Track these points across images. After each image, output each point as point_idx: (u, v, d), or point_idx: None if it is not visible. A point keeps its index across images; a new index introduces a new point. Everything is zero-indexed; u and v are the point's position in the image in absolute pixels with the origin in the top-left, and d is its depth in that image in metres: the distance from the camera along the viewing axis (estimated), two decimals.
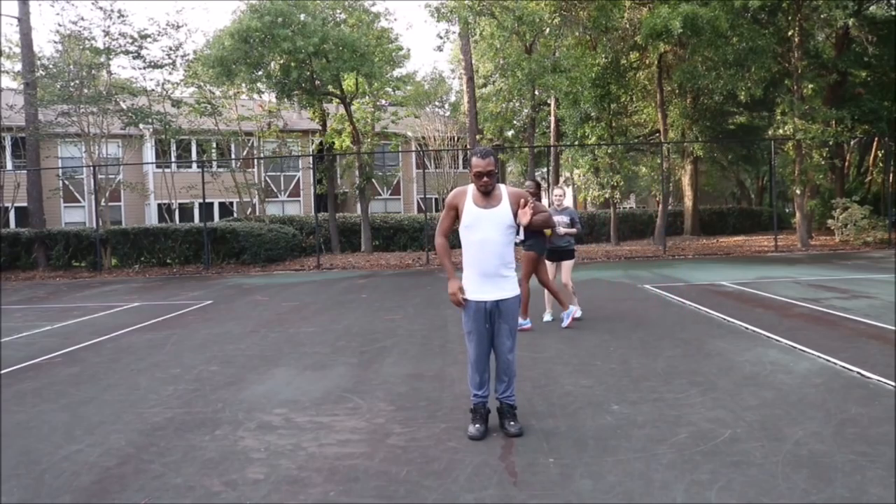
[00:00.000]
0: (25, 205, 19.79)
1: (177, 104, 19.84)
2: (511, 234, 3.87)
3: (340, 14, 19.14)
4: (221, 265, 17.31)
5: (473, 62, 21.14)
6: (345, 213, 24.32)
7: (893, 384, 4.54)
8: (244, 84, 18.71)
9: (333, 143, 21.79)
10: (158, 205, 25.80)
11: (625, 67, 20.31)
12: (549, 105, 22.63)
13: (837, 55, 19.48)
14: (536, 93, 20.56)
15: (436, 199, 28.71)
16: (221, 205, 26.87)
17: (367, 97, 21.91)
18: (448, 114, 30.95)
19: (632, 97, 22.22)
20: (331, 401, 4.69)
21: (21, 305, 11.26)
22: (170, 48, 19.55)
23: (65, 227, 21.27)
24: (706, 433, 3.74)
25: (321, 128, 21.85)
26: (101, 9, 18.57)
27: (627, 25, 19.03)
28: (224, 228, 17.71)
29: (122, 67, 57.82)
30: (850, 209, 18.04)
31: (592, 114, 19.31)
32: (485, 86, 25.99)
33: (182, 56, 19.70)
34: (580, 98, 17.62)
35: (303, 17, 16.97)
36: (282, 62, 17.46)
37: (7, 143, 23.32)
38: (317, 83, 18.76)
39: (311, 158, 24.23)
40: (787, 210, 33.13)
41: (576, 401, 4.47)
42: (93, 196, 21.04)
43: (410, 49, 45.50)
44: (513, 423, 3.86)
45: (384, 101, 24.44)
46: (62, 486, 3.34)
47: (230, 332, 7.69)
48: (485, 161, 3.74)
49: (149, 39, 18.90)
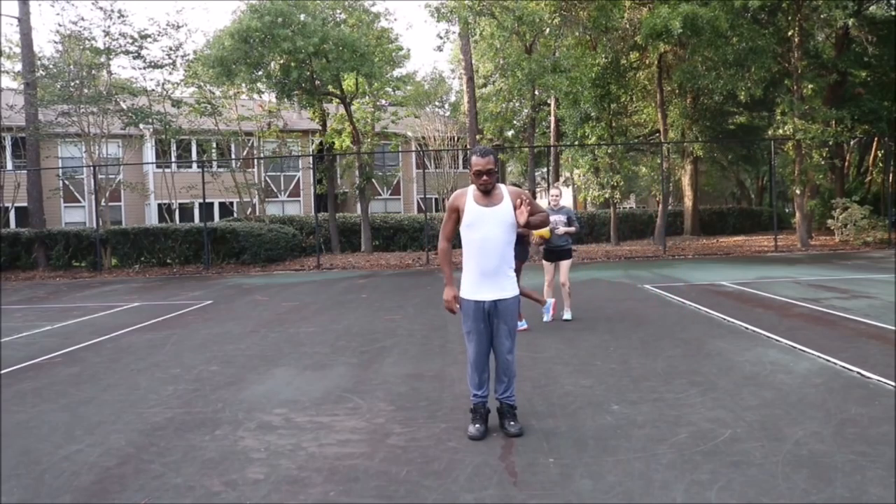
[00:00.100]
0: (25, 205, 19.79)
1: (177, 104, 19.85)
2: (512, 233, 3.86)
3: (340, 14, 19.15)
4: (221, 265, 17.31)
5: (473, 62, 21.14)
6: (345, 213, 24.32)
7: (893, 384, 4.54)
8: (244, 84, 18.71)
9: (333, 143, 21.80)
10: (158, 205, 25.79)
11: (625, 67, 20.31)
12: (549, 105, 22.63)
13: (837, 55, 19.49)
14: (536, 93, 20.57)
15: (436, 199, 28.71)
16: (221, 205, 26.87)
17: (367, 97, 21.92)
18: (448, 114, 30.95)
19: (632, 97, 22.22)
20: (331, 401, 4.69)
21: (21, 305, 11.26)
22: (170, 48, 19.59)
23: (65, 227, 21.28)
24: (706, 433, 3.74)
25: (321, 128, 21.86)
26: (101, 9, 18.61)
27: (627, 25, 19.02)
28: (224, 228, 17.71)
29: (122, 67, 57.98)
30: (850, 209, 18.04)
31: (592, 114, 19.30)
32: (485, 86, 25.98)
33: (182, 56, 19.74)
34: (580, 98, 17.61)
35: (303, 17, 16.98)
36: (282, 62, 17.46)
37: (7, 143, 23.33)
38: (317, 83, 18.76)
39: (311, 158, 24.24)
40: (787, 210, 33.13)
41: (576, 401, 4.47)
42: (93, 196, 21.06)
43: (410, 49, 45.57)
44: (513, 423, 3.86)
45: (384, 101, 24.44)
46: (62, 486, 3.34)
47: (230, 332, 7.69)
48: (484, 160, 3.74)
49: (149, 39, 18.93)
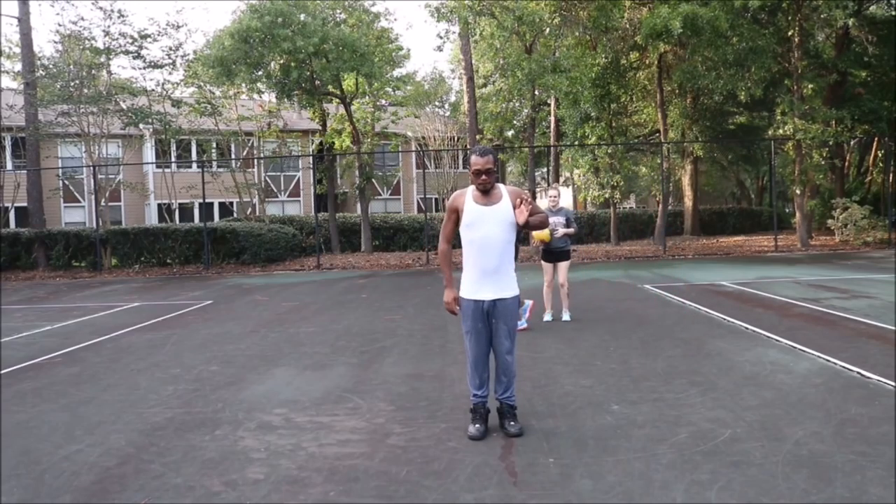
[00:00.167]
0: (25, 205, 19.79)
1: (177, 104, 19.85)
2: (512, 233, 3.85)
3: (340, 14, 19.15)
4: (221, 265, 17.31)
5: (473, 62, 21.14)
6: (345, 213, 24.32)
7: (893, 384, 4.54)
8: (244, 84, 18.71)
9: (333, 143, 21.80)
10: (158, 205, 25.79)
11: (625, 67, 20.31)
12: (549, 105, 22.62)
13: (837, 55, 19.48)
14: (536, 93, 20.56)
15: (436, 199, 28.70)
16: (221, 205, 26.87)
17: (367, 97, 21.93)
18: (448, 114, 30.94)
19: (632, 97, 22.22)
20: (331, 401, 4.69)
21: (21, 305, 11.26)
22: (170, 48, 19.58)
23: (65, 227, 21.28)
24: (706, 433, 3.74)
25: (321, 128, 21.86)
26: (101, 9, 18.61)
27: (627, 25, 19.03)
28: (224, 228, 17.71)
29: (122, 67, 57.94)
30: (850, 209, 18.04)
31: (592, 114, 19.30)
32: (485, 86, 25.98)
33: (182, 56, 19.74)
34: (580, 98, 17.61)
35: (303, 17, 16.98)
36: (282, 62, 17.46)
37: (7, 143, 23.33)
38: (317, 83, 18.76)
39: (311, 158, 24.24)
40: (787, 210, 33.12)
41: (576, 401, 4.47)
42: (93, 196, 21.05)
43: (410, 49, 45.53)
44: (513, 423, 3.86)
45: (384, 101, 24.45)
46: (62, 486, 3.34)
47: (230, 332, 7.69)
48: (483, 159, 3.74)
49: (149, 39, 18.93)
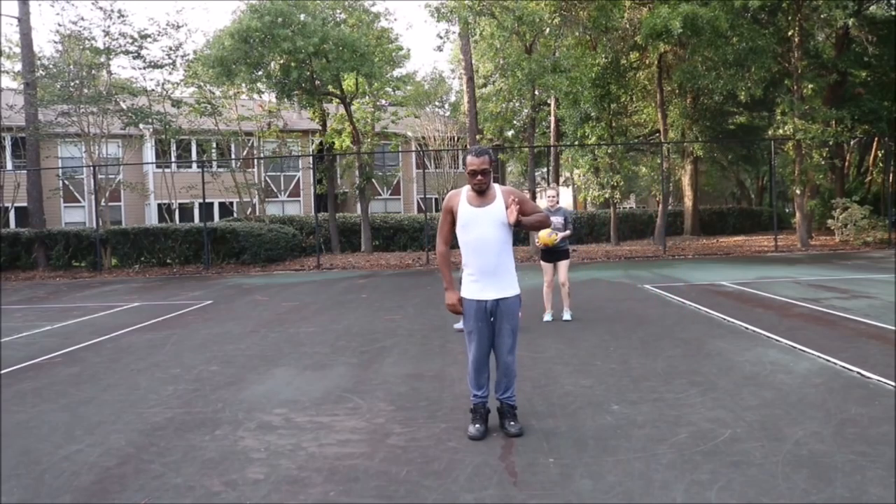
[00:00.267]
0: (25, 205, 19.79)
1: (177, 104, 19.85)
2: (508, 233, 3.85)
3: (340, 14, 19.15)
4: (221, 265, 17.31)
5: (473, 62, 21.13)
6: (345, 213, 24.32)
7: (893, 384, 4.54)
8: (244, 84, 18.71)
9: (333, 143, 21.80)
10: (158, 205, 25.79)
11: (625, 67, 20.31)
12: (549, 105, 22.59)
13: (837, 55, 19.49)
14: (536, 93, 20.53)
15: (436, 199, 28.68)
16: (221, 205, 26.86)
17: (367, 97, 21.92)
18: (448, 114, 30.92)
19: (632, 97, 22.22)
20: (331, 401, 4.69)
21: (21, 305, 11.26)
22: (170, 48, 19.58)
23: (65, 227, 21.28)
24: (706, 433, 3.74)
25: (321, 128, 21.86)
26: (101, 9, 18.61)
27: (627, 25, 19.03)
28: (224, 228, 17.71)
29: (122, 67, 57.97)
30: (850, 209, 18.04)
31: (592, 114, 19.31)
32: (485, 86, 25.96)
33: (182, 56, 19.73)
34: (580, 98, 17.61)
35: (303, 17, 16.98)
36: (282, 62, 17.46)
37: (7, 143, 23.33)
38: (317, 83, 18.76)
39: (311, 158, 24.24)
40: (787, 210, 33.12)
41: (576, 401, 4.47)
42: (93, 196, 21.05)
43: (410, 49, 45.48)
44: (513, 423, 3.86)
45: (384, 101, 24.44)
46: (62, 486, 3.34)
47: (230, 332, 7.69)
48: (479, 159, 3.74)
49: (149, 39, 18.93)
